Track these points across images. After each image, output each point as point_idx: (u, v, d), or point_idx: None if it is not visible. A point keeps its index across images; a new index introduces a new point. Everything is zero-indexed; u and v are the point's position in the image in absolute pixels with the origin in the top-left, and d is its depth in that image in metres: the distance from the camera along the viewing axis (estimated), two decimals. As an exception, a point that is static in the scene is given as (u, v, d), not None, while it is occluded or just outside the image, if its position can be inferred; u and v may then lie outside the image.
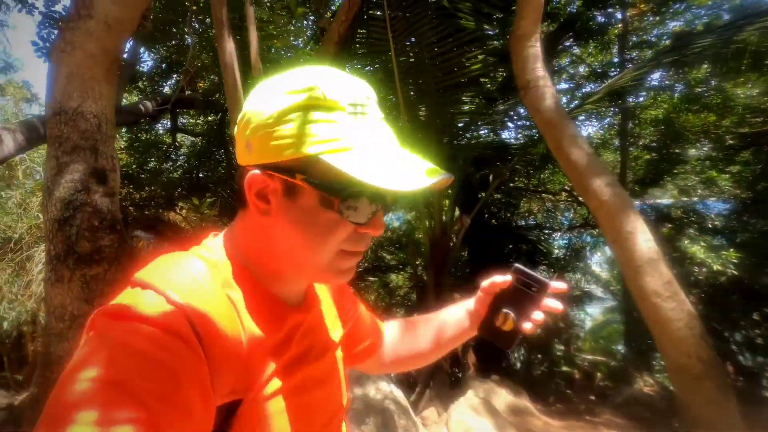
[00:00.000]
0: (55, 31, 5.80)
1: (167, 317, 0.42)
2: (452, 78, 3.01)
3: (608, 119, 9.67)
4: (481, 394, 2.71)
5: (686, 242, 6.36)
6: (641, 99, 8.78)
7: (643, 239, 2.25)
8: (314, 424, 0.57)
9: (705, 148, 7.86)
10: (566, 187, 9.55)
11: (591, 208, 2.43)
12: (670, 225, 7.35)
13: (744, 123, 7.10)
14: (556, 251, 9.52)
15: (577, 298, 9.74)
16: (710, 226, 7.28)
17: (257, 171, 0.50)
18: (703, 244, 6.35)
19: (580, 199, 9.82)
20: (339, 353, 0.67)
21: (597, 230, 10.58)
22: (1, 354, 6.85)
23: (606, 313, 11.96)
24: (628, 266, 2.34)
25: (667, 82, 8.37)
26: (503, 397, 3.22)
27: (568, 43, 7.18)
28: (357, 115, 0.50)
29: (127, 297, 0.45)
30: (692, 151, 7.90)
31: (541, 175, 9.58)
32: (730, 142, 7.31)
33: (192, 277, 0.48)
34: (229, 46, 2.35)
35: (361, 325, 0.79)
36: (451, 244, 4.46)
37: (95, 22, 2.02)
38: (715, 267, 5.80)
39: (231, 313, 0.48)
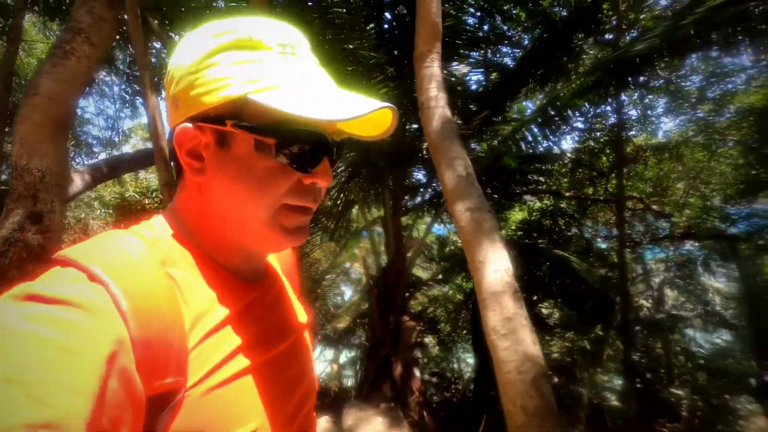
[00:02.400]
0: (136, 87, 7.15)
1: (87, 295, 0.37)
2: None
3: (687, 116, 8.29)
4: (350, 420, 2.60)
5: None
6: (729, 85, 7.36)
7: (492, 269, 2.12)
8: (277, 410, 0.50)
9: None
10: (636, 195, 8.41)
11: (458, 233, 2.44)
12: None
13: None
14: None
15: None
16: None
17: (186, 125, 0.47)
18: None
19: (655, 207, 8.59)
20: (306, 337, 0.62)
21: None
22: None
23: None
24: (478, 298, 2.25)
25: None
26: (374, 426, 2.97)
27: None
28: (287, 55, 0.47)
29: (43, 276, 0.40)
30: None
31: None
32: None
33: (123, 253, 0.42)
34: (152, 100, 2.80)
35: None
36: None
37: (39, 98, 2.61)
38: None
39: (169, 291, 0.42)
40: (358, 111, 0.43)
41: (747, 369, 8.29)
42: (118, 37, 4.37)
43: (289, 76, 0.46)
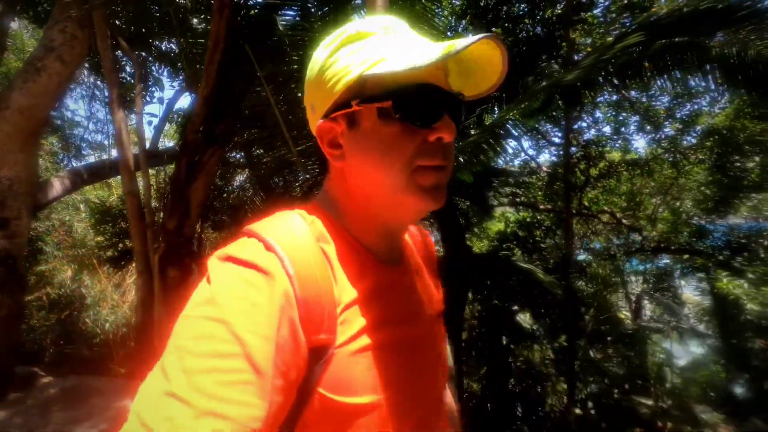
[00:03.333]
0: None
1: (264, 260, 0.46)
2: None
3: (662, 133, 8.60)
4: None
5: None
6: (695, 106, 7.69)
7: None
8: (409, 389, 0.54)
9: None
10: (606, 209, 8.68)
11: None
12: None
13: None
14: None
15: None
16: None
17: (321, 121, 0.54)
18: (751, 276, 5.27)
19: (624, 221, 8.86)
20: (440, 324, 0.66)
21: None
22: (111, 349, 8.52)
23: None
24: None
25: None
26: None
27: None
28: (389, 35, 0.53)
29: (236, 243, 0.50)
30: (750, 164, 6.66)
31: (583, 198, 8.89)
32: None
33: (290, 229, 0.51)
34: (119, 114, 2.99)
35: None
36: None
37: (10, 111, 2.80)
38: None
39: (323, 264, 0.50)
40: (457, 46, 0.45)
41: (715, 380, 8.50)
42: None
43: (392, 49, 0.51)
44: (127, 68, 5.85)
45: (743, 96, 7.09)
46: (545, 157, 10.50)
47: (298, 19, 3.56)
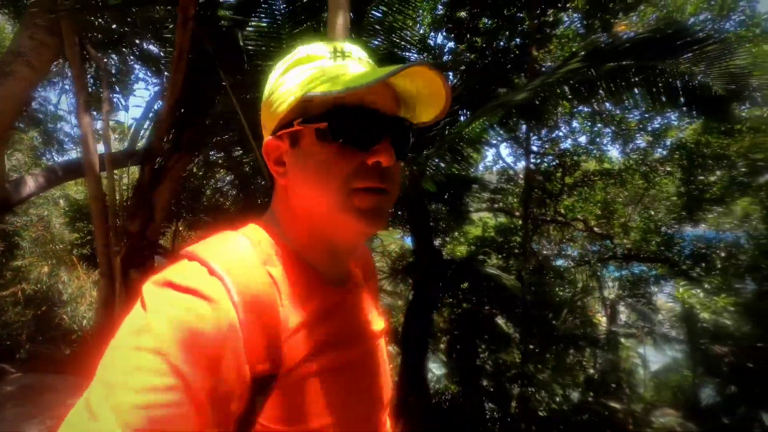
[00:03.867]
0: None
1: (207, 286, 0.44)
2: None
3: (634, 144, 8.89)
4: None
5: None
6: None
7: None
8: (353, 412, 0.54)
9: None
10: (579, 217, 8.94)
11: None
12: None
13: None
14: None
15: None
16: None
17: (269, 138, 0.55)
18: (707, 285, 5.52)
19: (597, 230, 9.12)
20: (382, 344, 0.65)
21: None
22: (90, 347, 8.48)
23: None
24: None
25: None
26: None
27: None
28: (337, 59, 0.54)
29: (175, 267, 0.47)
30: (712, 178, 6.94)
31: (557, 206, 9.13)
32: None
33: (234, 252, 0.49)
34: (85, 120, 3.08)
35: None
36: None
37: (-24, 117, 2.87)
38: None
39: (269, 288, 0.49)
40: (391, 72, 0.46)
41: (684, 384, 8.78)
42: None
43: (336, 73, 0.52)
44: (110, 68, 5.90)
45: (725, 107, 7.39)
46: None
47: (265, 29, 3.68)
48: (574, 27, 6.17)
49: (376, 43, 4.37)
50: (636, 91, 3.36)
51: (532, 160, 9.95)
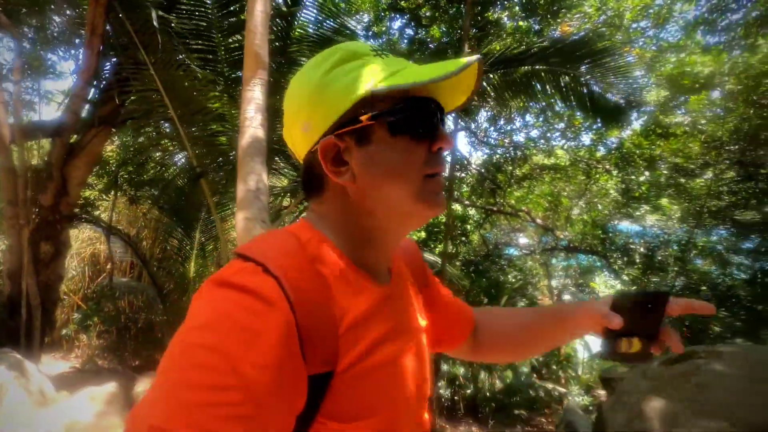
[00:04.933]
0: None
1: (264, 286, 0.44)
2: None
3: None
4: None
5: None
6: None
7: None
8: (403, 405, 0.55)
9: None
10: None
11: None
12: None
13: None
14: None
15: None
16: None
17: (324, 139, 0.53)
18: (625, 277, 5.99)
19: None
20: (424, 339, 0.66)
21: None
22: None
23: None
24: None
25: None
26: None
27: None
28: (382, 56, 0.55)
29: (230, 266, 0.47)
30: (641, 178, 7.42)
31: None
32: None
33: (286, 251, 0.50)
34: (-5, 90, 3.04)
35: (445, 310, 0.78)
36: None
37: None
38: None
39: (321, 286, 0.49)
40: (462, 65, 0.49)
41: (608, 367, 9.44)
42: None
43: (393, 65, 0.53)
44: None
45: (654, 114, 7.86)
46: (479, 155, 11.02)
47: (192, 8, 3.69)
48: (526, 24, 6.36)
49: (312, 30, 4.43)
50: (548, 92, 3.59)
51: (486, 151, 10.26)
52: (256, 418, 0.38)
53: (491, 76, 3.44)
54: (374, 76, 0.51)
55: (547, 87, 3.50)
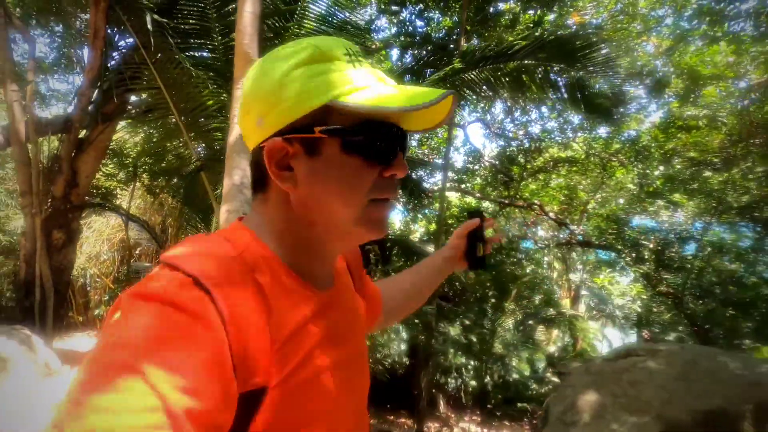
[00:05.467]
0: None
1: (195, 302, 0.41)
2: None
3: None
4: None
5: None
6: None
7: None
8: (348, 407, 0.55)
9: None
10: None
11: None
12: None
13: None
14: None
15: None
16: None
17: (274, 139, 0.51)
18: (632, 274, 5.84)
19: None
20: (364, 342, 0.65)
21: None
22: (69, 298, 8.94)
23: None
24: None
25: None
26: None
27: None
28: (354, 63, 0.52)
29: (156, 277, 0.44)
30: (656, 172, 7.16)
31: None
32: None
33: (219, 260, 0.46)
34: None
35: (369, 300, 0.77)
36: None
37: None
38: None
39: (257, 297, 0.46)
40: (431, 99, 0.46)
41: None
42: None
43: (361, 79, 0.50)
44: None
45: (672, 104, 7.56)
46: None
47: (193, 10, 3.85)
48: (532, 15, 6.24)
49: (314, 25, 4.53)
50: (543, 88, 3.57)
51: (500, 144, 10.14)
52: None
53: (484, 71, 3.46)
54: (337, 87, 0.49)
55: (539, 81, 3.48)
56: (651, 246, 6.46)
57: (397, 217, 9.29)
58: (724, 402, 1.66)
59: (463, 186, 10.26)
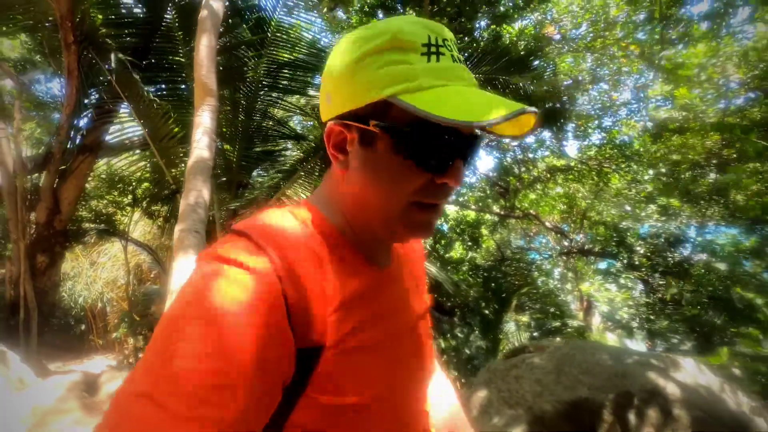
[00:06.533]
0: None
1: (254, 260, 0.45)
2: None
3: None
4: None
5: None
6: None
7: (179, 275, 2.96)
8: (396, 386, 0.55)
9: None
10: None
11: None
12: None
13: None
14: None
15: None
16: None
17: (334, 122, 0.52)
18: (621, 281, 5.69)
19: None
20: (424, 321, 0.66)
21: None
22: (90, 321, 9.36)
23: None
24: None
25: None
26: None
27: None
28: (431, 56, 0.49)
29: (226, 242, 0.49)
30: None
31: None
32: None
33: (282, 228, 0.50)
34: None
35: None
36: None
37: None
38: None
39: (315, 263, 0.49)
40: (494, 118, 0.43)
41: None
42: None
43: (431, 78, 0.48)
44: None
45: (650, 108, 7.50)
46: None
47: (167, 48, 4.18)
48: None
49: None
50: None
51: (496, 155, 10.20)
52: (241, 387, 0.39)
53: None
54: (401, 83, 0.47)
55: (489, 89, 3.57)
56: (646, 251, 6.35)
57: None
58: (588, 392, 1.71)
59: (460, 199, 10.33)
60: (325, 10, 5.52)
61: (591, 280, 6.75)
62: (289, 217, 0.53)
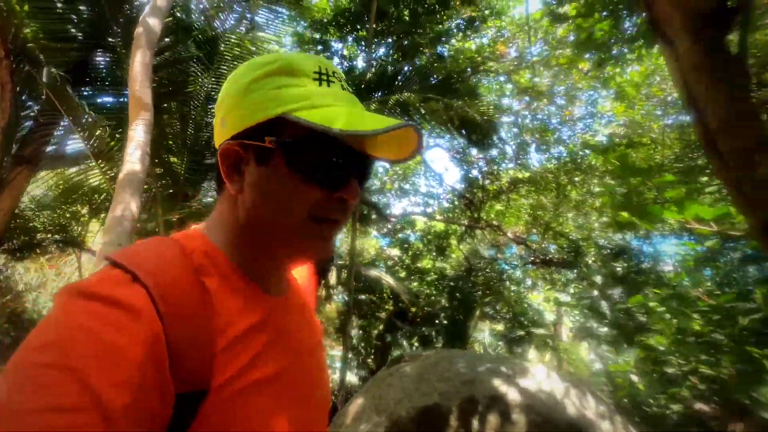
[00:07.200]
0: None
1: (131, 297, 0.41)
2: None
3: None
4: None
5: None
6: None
7: None
8: (292, 422, 0.51)
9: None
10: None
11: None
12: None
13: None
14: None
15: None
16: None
17: (229, 143, 0.52)
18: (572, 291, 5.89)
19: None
20: (320, 351, 0.64)
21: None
22: None
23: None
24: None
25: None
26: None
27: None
28: (323, 82, 0.52)
29: (98, 274, 0.44)
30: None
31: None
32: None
33: (163, 259, 0.46)
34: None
35: None
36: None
37: None
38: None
39: (201, 297, 0.46)
40: (382, 127, 0.45)
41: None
42: None
43: (323, 98, 0.50)
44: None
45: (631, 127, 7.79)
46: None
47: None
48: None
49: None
50: (426, 118, 3.84)
51: (463, 168, 10.40)
52: None
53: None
54: (295, 102, 0.49)
55: (423, 111, 3.75)
56: (598, 261, 6.56)
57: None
58: (439, 398, 1.79)
59: (428, 210, 10.49)
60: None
61: (559, 289, 6.90)
62: (173, 248, 0.49)
